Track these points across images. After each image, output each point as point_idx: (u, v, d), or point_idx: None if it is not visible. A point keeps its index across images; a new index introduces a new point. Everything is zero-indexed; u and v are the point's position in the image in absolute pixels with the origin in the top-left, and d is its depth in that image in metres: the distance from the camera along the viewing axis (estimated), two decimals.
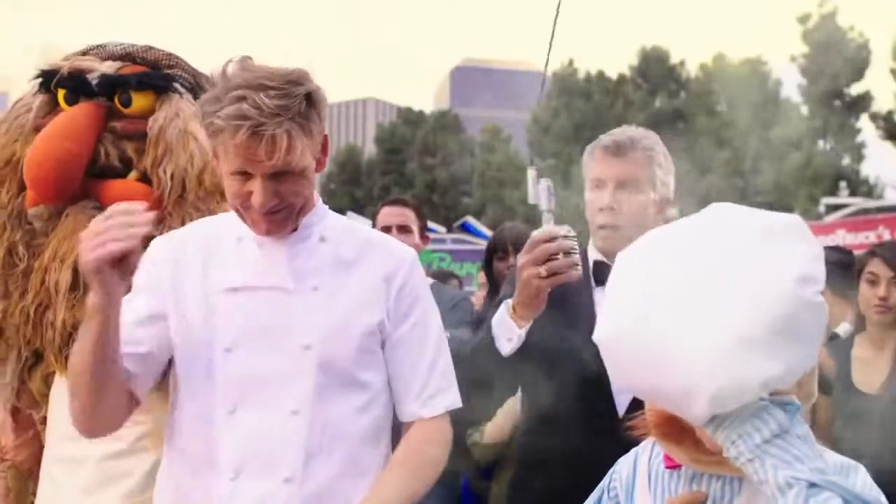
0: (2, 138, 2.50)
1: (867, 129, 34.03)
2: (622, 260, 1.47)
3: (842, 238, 14.36)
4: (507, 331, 2.18)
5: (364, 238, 2.04)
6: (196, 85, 2.60)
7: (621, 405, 2.27)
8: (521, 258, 2.14)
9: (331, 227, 2.00)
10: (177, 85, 2.57)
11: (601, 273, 2.35)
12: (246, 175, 1.82)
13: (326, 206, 2.04)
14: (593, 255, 2.43)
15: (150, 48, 2.62)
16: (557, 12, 2.28)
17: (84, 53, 2.60)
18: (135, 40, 2.65)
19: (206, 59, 2.04)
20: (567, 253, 2.09)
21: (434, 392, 1.99)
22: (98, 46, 2.62)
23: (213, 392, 1.88)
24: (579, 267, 2.12)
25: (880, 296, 3.35)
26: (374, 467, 1.94)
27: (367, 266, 1.97)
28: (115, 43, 2.62)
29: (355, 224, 2.10)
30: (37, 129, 2.48)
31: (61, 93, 2.52)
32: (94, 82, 2.50)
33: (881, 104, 33.09)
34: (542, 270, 2.07)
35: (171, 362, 1.97)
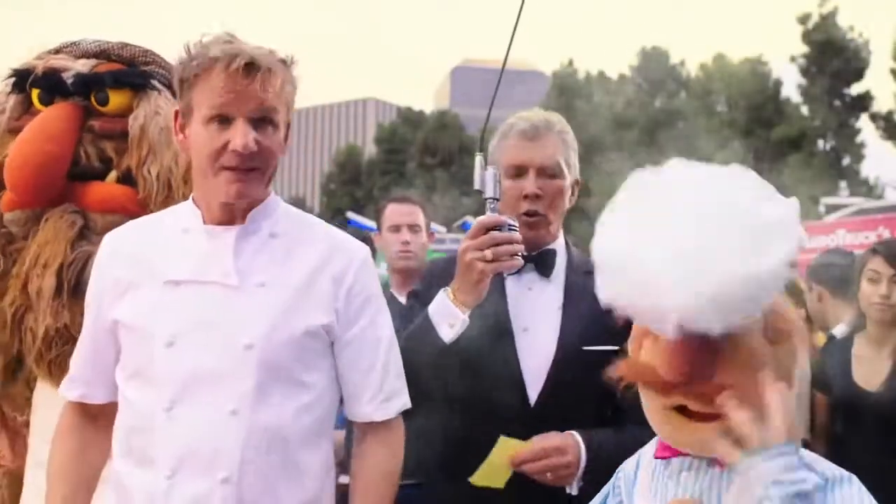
0: None
1: (867, 129, 34.06)
2: (633, 182, 1.49)
3: (842, 238, 14.34)
4: (450, 316, 2.12)
5: (315, 234, 1.98)
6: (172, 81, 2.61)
7: (532, 396, 2.23)
8: (464, 243, 2.12)
9: (281, 221, 1.95)
10: (154, 82, 2.53)
11: None
12: (224, 123, 1.80)
13: (279, 199, 2.00)
14: None
15: (126, 45, 2.58)
16: (520, 11, 2.26)
17: (57, 51, 2.55)
18: (130, 39, 2.60)
19: None
20: (511, 242, 2.08)
21: (389, 394, 1.98)
22: (72, 44, 2.57)
23: (153, 388, 1.84)
24: (521, 258, 2.11)
25: (881, 294, 3.35)
26: (313, 469, 1.91)
27: (317, 265, 1.92)
28: (89, 40, 2.57)
29: (308, 218, 2.04)
30: (11, 131, 2.44)
31: (35, 92, 2.47)
32: (70, 81, 2.46)
33: (881, 104, 33.07)
34: (488, 254, 2.05)
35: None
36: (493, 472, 2.15)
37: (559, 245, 2.38)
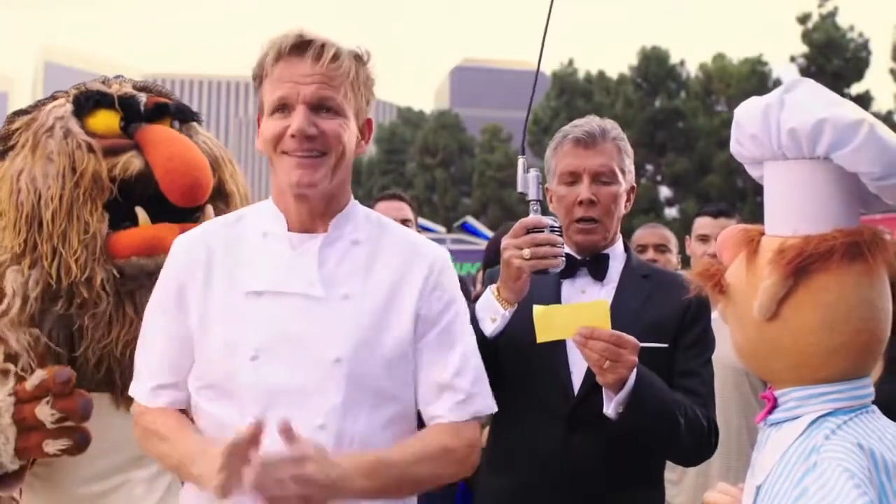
0: (63, 156, 2.36)
1: None
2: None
3: None
4: (492, 311, 2.20)
5: (395, 239, 1.95)
6: None
7: (575, 389, 2.29)
8: (505, 241, 2.18)
9: (362, 227, 1.92)
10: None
11: (569, 267, 2.34)
12: (286, 111, 1.81)
13: (357, 203, 1.98)
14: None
15: (154, 83, 2.69)
16: (549, 15, 2.29)
17: (104, 83, 2.58)
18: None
19: (205, 58, 2.04)
20: (552, 244, 2.12)
21: (466, 397, 1.90)
22: (117, 77, 2.63)
23: (234, 401, 1.79)
24: (563, 259, 2.15)
25: None
26: None
27: (401, 272, 1.89)
28: (122, 78, 2.65)
29: (386, 221, 2.00)
30: (90, 147, 2.39)
31: (117, 116, 2.48)
32: (172, 109, 2.58)
33: (881, 104, 33.09)
34: (525, 252, 2.10)
35: None
36: (556, 322, 2.11)
37: (615, 250, 2.44)
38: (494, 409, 1.94)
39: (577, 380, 2.30)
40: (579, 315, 2.09)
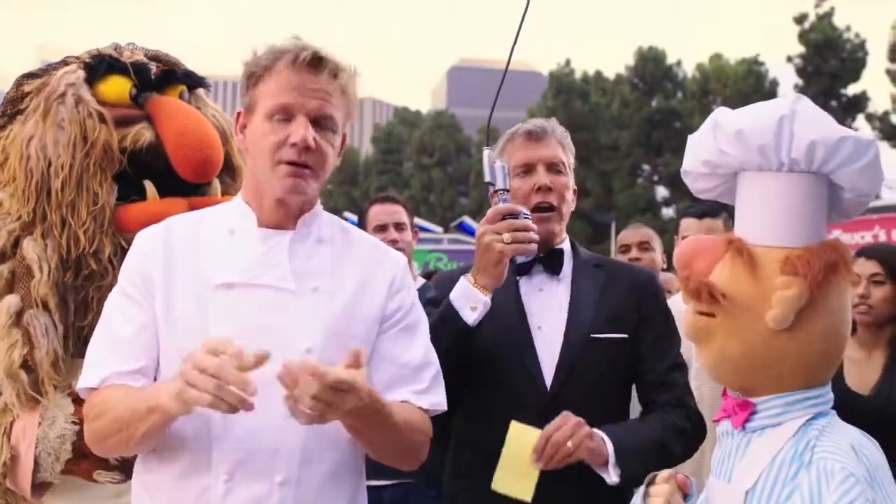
0: (75, 125, 2.35)
1: (863, 130, 34.08)
2: None
3: None
4: (471, 300, 2.21)
5: (356, 243, 2.02)
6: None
7: (547, 383, 2.32)
8: (482, 227, 2.21)
9: (325, 227, 1.98)
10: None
11: (524, 265, 2.38)
12: (286, 119, 1.83)
13: (321, 206, 2.03)
14: None
15: (166, 52, 2.67)
16: (525, 12, 2.33)
17: (116, 50, 2.56)
18: (135, 41, 2.65)
19: (205, 58, 2.06)
20: (527, 229, 2.17)
21: (428, 388, 1.97)
22: (128, 45, 2.61)
23: None
24: (535, 246, 2.20)
25: (859, 294, 3.38)
26: (361, 468, 1.96)
27: (366, 272, 1.95)
28: (134, 45, 2.62)
29: (346, 225, 2.07)
30: (101, 116, 2.39)
31: (126, 83, 2.47)
32: (179, 75, 2.59)
33: (877, 105, 33.15)
34: (506, 237, 2.14)
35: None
36: (513, 471, 2.13)
37: (566, 245, 2.49)
38: (445, 408, 1.98)
39: (547, 372, 2.32)
40: (517, 447, 2.12)
